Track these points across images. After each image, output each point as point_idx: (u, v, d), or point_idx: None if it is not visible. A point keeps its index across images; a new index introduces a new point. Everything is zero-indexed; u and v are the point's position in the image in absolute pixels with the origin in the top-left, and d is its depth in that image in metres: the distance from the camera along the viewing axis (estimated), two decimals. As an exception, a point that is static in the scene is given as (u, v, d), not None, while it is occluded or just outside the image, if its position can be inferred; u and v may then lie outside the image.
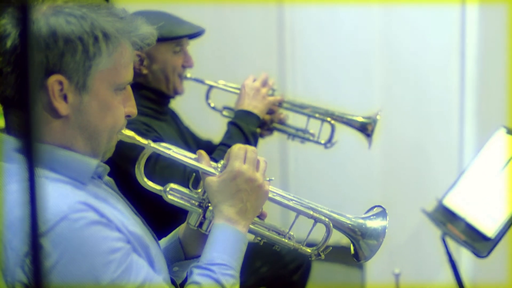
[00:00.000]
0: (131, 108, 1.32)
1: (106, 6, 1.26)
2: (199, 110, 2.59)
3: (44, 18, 1.18)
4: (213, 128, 2.55)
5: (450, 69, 3.18)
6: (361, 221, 1.48)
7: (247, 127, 2.23)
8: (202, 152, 1.45)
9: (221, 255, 1.35)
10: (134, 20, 1.28)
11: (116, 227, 1.21)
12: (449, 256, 2.48)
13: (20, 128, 1.20)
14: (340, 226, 1.48)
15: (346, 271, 3.50)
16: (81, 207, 1.16)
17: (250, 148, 1.44)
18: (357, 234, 1.47)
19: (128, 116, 1.33)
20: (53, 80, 1.18)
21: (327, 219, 1.47)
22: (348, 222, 1.48)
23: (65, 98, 1.20)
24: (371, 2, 3.23)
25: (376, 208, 1.51)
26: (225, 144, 2.19)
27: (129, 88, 1.31)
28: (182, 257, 1.53)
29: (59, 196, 1.17)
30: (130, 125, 1.37)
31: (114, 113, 1.28)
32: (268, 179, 1.45)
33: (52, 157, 1.22)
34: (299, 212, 1.47)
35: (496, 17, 2.94)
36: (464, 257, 3.17)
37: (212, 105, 2.50)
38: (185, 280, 1.36)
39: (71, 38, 1.18)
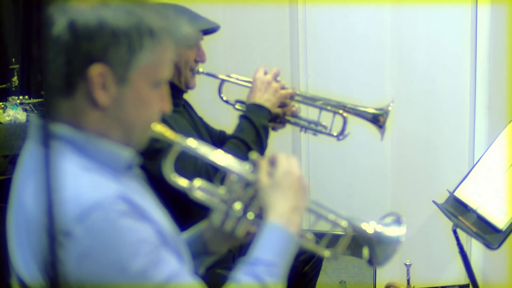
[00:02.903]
0: (166, 105, 1.32)
1: (152, 4, 1.28)
2: (212, 103, 2.61)
3: (92, 10, 1.20)
4: (226, 121, 2.56)
5: (461, 65, 3.18)
6: (379, 228, 1.46)
7: (258, 120, 2.24)
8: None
9: (270, 255, 1.34)
10: (178, 20, 1.29)
11: (149, 219, 1.21)
12: (460, 248, 2.48)
13: (61, 115, 1.21)
14: (358, 232, 1.46)
15: (357, 262, 3.51)
16: (116, 198, 1.17)
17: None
18: (373, 241, 1.46)
19: (162, 113, 1.33)
20: (96, 70, 1.19)
21: (346, 225, 1.46)
22: (367, 229, 1.46)
23: (105, 89, 1.22)
24: (384, 0, 3.24)
25: (392, 215, 1.50)
26: (236, 137, 2.20)
27: (166, 85, 1.32)
28: (203, 252, 1.54)
29: (95, 185, 1.18)
30: None
31: (150, 108, 1.29)
32: None
33: (89, 145, 1.23)
34: (319, 217, 1.47)
35: (508, 16, 2.93)
36: (474, 250, 3.19)
37: (225, 98, 2.51)
38: (203, 275, 1.36)
39: (117, 31, 1.19)
